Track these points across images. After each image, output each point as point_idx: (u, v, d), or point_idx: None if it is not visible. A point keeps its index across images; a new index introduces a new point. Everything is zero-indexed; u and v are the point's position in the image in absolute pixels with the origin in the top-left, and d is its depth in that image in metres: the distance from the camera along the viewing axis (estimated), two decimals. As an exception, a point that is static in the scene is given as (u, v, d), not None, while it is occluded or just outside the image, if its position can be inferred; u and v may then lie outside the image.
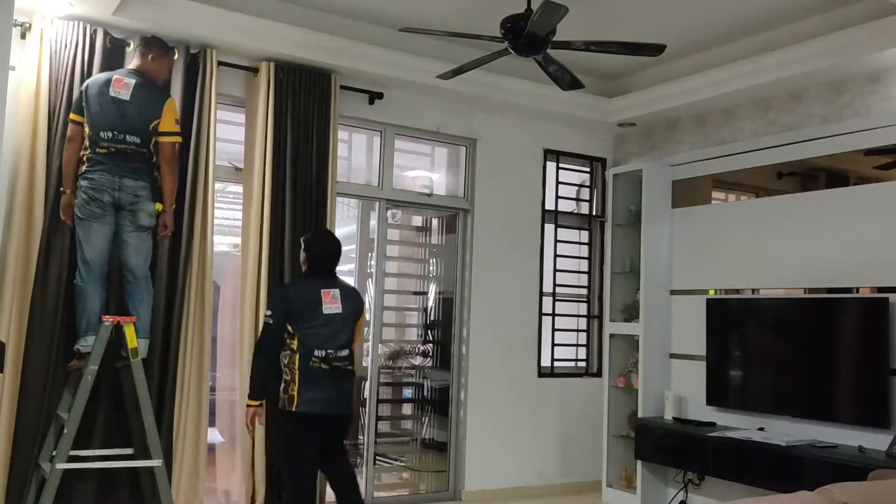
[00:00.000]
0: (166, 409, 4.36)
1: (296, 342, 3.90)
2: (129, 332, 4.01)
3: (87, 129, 4.06)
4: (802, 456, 4.39)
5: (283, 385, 3.92)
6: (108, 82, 4.10)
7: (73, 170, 4.07)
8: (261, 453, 4.61)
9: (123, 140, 4.05)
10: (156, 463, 4.00)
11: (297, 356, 3.88)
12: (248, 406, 4.02)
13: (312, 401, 3.85)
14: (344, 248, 5.84)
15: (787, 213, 5.08)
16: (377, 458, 5.39)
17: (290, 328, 3.91)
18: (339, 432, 4.08)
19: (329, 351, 3.91)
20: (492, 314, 5.79)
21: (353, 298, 4.10)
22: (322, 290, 3.98)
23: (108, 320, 3.98)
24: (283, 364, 3.93)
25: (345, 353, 3.98)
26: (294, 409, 3.84)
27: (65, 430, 3.85)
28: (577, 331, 6.37)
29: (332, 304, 3.97)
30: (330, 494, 5.00)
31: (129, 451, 4.21)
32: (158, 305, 4.34)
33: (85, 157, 4.05)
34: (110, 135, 4.03)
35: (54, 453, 3.87)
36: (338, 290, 4.04)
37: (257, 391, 3.99)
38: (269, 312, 3.94)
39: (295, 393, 3.85)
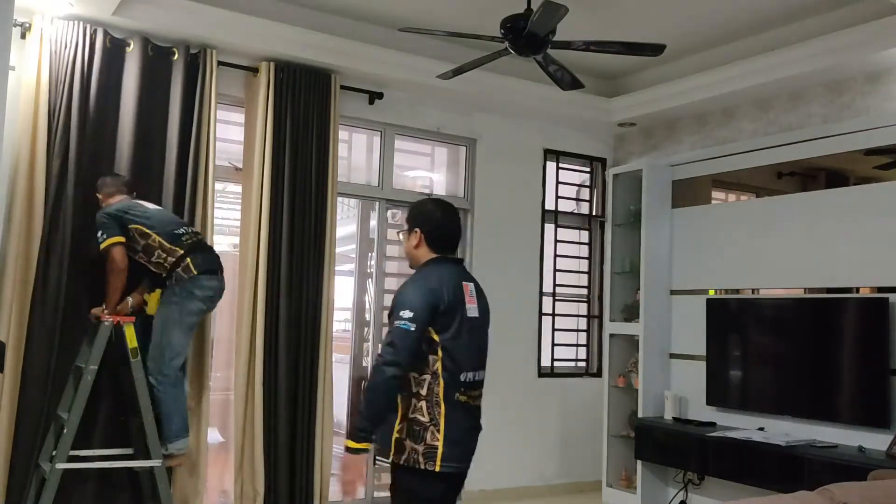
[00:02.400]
0: (166, 410, 4.36)
1: (439, 360, 2.63)
2: (129, 332, 4.01)
3: (153, 235, 4.03)
4: (802, 456, 4.39)
5: (412, 429, 2.62)
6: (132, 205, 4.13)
7: (118, 298, 4.03)
8: (260, 453, 4.60)
9: (190, 231, 4.19)
10: (156, 463, 4.00)
11: (442, 383, 2.61)
12: (349, 449, 2.65)
13: (460, 454, 2.64)
14: (344, 248, 5.90)
15: (787, 213, 5.08)
16: (377, 458, 5.39)
17: (434, 336, 2.64)
18: (455, 495, 2.88)
19: (474, 374, 2.72)
20: (491, 314, 5.76)
21: (484, 299, 2.94)
22: (463, 283, 2.80)
23: (108, 320, 3.98)
24: (415, 394, 2.65)
25: (482, 376, 2.81)
26: (438, 469, 2.56)
27: (65, 430, 3.85)
28: (577, 331, 6.37)
29: (470, 303, 2.79)
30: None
31: (129, 451, 4.21)
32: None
33: (174, 258, 4.01)
34: (183, 229, 4.15)
35: (54, 453, 3.87)
36: (473, 286, 2.85)
37: (370, 429, 2.63)
38: (408, 314, 2.61)
39: (440, 442, 2.57)
